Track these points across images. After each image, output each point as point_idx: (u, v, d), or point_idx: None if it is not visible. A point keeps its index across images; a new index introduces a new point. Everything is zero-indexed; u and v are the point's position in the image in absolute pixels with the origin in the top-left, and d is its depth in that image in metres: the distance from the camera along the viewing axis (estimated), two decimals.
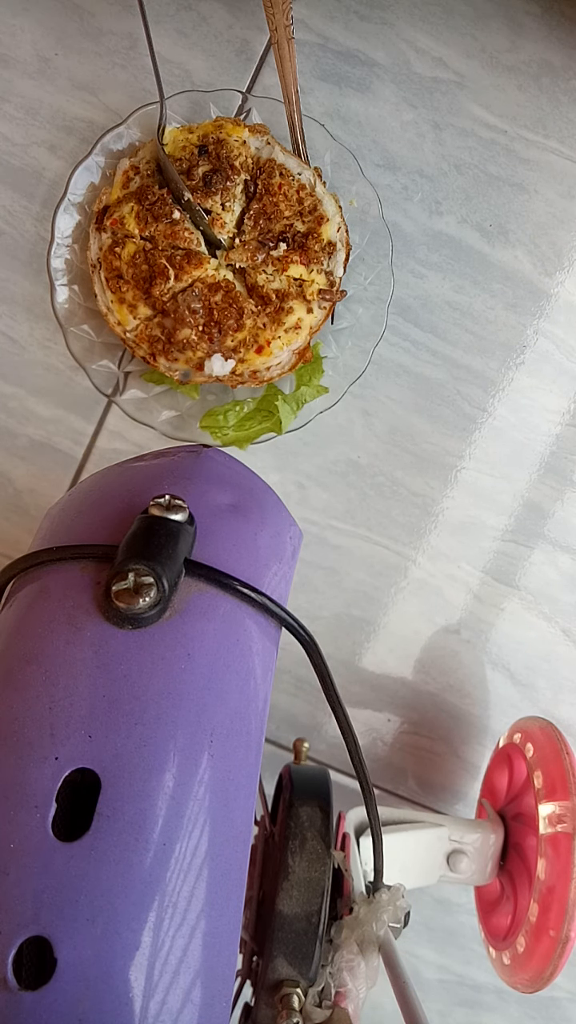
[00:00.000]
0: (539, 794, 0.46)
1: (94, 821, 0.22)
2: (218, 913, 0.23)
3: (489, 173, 0.52)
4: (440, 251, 0.53)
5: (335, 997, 0.34)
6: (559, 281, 0.53)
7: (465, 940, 0.62)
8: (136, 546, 0.26)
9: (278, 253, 0.46)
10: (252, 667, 0.27)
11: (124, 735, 0.23)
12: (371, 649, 0.58)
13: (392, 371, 0.54)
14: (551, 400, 0.54)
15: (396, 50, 0.51)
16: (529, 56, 0.51)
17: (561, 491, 0.56)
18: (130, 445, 0.56)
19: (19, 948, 0.20)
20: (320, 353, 0.50)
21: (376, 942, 0.35)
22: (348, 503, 0.56)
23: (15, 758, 0.22)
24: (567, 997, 0.62)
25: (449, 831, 0.49)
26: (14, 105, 0.51)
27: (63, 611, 0.25)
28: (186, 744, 0.23)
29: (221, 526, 0.29)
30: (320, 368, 0.50)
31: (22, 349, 0.54)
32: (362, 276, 0.51)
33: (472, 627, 0.57)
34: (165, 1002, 0.21)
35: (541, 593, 0.57)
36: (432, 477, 0.55)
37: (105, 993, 0.20)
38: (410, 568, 0.57)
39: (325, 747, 0.59)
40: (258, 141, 0.47)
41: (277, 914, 0.35)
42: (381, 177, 0.52)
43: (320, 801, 0.39)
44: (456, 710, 0.59)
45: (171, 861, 0.22)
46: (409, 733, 0.59)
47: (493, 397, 0.54)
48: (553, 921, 0.43)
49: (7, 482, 0.56)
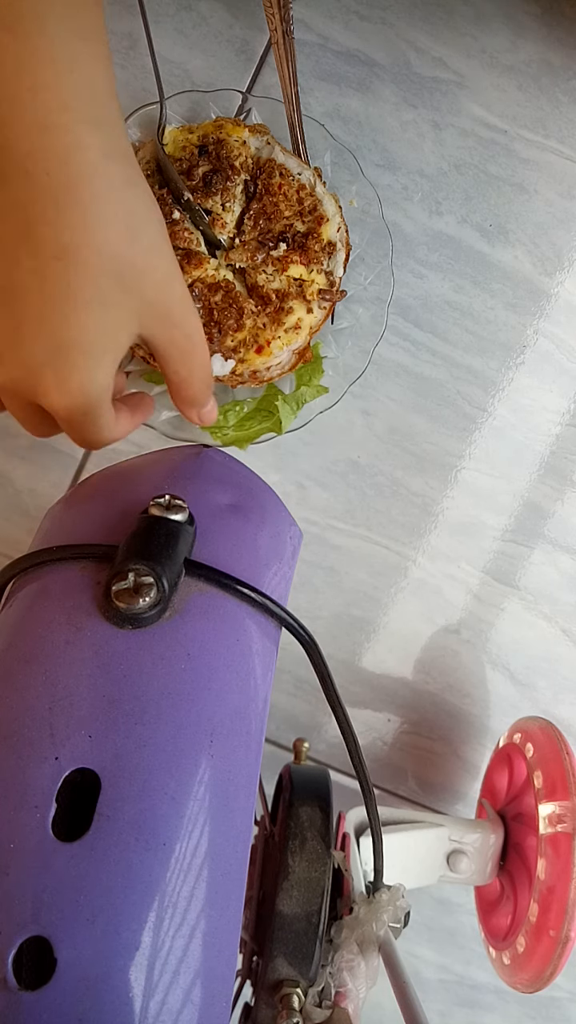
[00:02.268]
0: (539, 794, 0.46)
1: (94, 821, 0.22)
2: (218, 913, 0.23)
3: (489, 173, 0.52)
4: (440, 251, 0.53)
5: (335, 997, 0.34)
6: (559, 281, 0.53)
7: (465, 940, 0.62)
8: (136, 546, 0.26)
9: (278, 253, 0.46)
10: (252, 667, 0.27)
11: (124, 735, 0.23)
12: (371, 649, 0.58)
13: (392, 371, 0.54)
14: (551, 400, 0.54)
15: (396, 50, 0.51)
16: (529, 56, 0.51)
17: (561, 491, 0.56)
18: (130, 445, 0.56)
19: (19, 948, 0.20)
20: (320, 353, 0.50)
21: (376, 942, 0.35)
22: (348, 503, 0.56)
23: (15, 758, 0.22)
24: (567, 997, 0.62)
25: (449, 831, 0.49)
26: None
27: (63, 611, 0.25)
28: (186, 744, 0.23)
29: (221, 526, 0.29)
30: (320, 368, 0.50)
31: None
32: (362, 276, 0.51)
33: (472, 627, 0.57)
34: (165, 1002, 0.21)
35: (541, 593, 0.57)
36: (432, 477, 0.55)
37: (105, 993, 0.20)
38: (410, 568, 0.57)
39: (325, 747, 0.59)
40: (258, 141, 0.47)
41: (277, 914, 0.35)
42: (381, 177, 0.52)
43: (320, 801, 0.39)
44: (456, 710, 0.59)
45: (171, 861, 0.22)
46: (409, 733, 0.59)
47: (493, 397, 0.54)
48: (553, 921, 0.43)
49: (7, 482, 0.56)
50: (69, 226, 0.29)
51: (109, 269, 0.30)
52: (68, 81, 0.28)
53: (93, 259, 0.30)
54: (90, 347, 0.31)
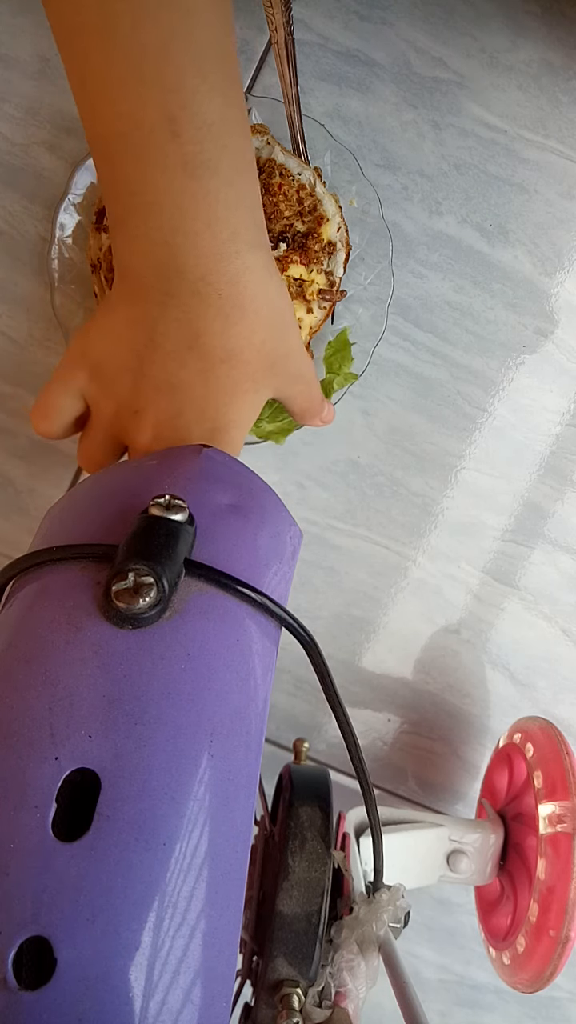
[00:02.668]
0: (539, 794, 0.46)
1: (94, 821, 0.22)
2: (218, 913, 0.23)
3: (489, 173, 0.52)
4: (440, 251, 0.53)
5: (335, 997, 0.34)
6: (559, 281, 0.53)
7: (465, 940, 0.62)
8: (136, 546, 0.26)
9: (278, 253, 0.46)
10: (252, 667, 0.27)
11: (124, 735, 0.23)
12: (371, 649, 0.58)
13: (392, 371, 0.54)
14: (551, 400, 0.54)
15: (396, 50, 0.51)
16: (529, 56, 0.51)
17: (561, 491, 0.56)
18: None
19: (19, 948, 0.20)
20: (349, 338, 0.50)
21: (376, 942, 0.35)
22: (348, 503, 0.56)
23: (15, 758, 0.22)
24: (567, 997, 0.62)
25: (449, 831, 0.50)
26: (14, 105, 0.51)
27: (63, 611, 0.25)
28: (186, 744, 0.23)
29: (221, 526, 0.29)
30: (349, 355, 0.50)
31: (22, 349, 0.54)
32: (362, 276, 0.51)
33: (472, 627, 0.57)
34: (165, 1002, 0.21)
35: (541, 593, 0.57)
36: (432, 477, 0.55)
37: (105, 993, 0.20)
38: (410, 568, 0.57)
39: (325, 747, 0.59)
40: (258, 141, 0.47)
41: (277, 914, 0.35)
42: (381, 177, 0.52)
43: (320, 801, 0.39)
44: (456, 710, 0.59)
45: (171, 861, 0.22)
46: (409, 733, 0.59)
47: (493, 397, 0.54)
48: (553, 921, 0.43)
49: (7, 482, 0.56)
50: (236, 335, 0.35)
51: (264, 363, 0.37)
52: (236, 214, 0.33)
53: (253, 359, 0.36)
54: (242, 424, 0.37)
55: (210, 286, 0.33)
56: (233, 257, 0.33)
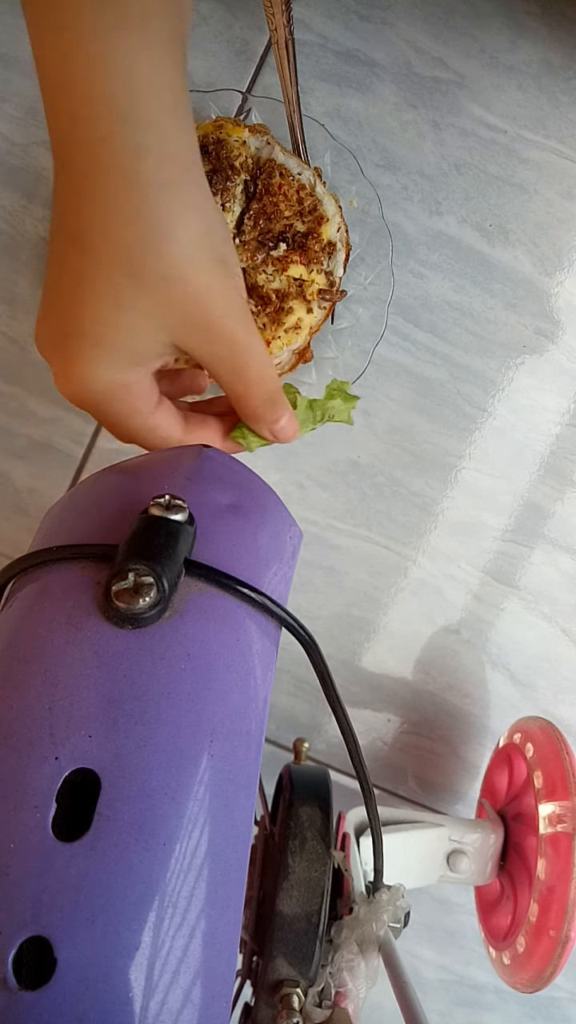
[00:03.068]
0: (539, 794, 0.46)
1: (94, 821, 0.22)
2: (218, 913, 0.23)
3: (489, 173, 0.52)
4: (440, 251, 0.53)
5: (335, 997, 0.34)
6: (559, 281, 0.53)
7: (465, 940, 0.62)
8: (136, 546, 0.26)
9: (278, 253, 0.46)
10: (252, 667, 0.27)
11: (124, 735, 0.23)
12: (371, 649, 0.58)
13: (392, 371, 0.54)
14: (551, 400, 0.54)
15: (396, 50, 0.51)
16: (529, 56, 0.51)
17: (561, 491, 0.56)
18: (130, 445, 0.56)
19: (19, 948, 0.20)
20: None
21: (376, 942, 0.35)
22: (348, 503, 0.56)
23: (15, 758, 0.22)
24: (567, 997, 0.62)
25: (449, 831, 0.49)
26: (14, 105, 0.51)
27: (63, 611, 0.25)
28: (186, 744, 0.23)
29: (221, 526, 0.29)
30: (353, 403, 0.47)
31: (22, 349, 0.54)
32: (362, 276, 0.51)
33: (472, 627, 0.57)
34: (165, 1002, 0.21)
35: (541, 593, 0.57)
36: (432, 477, 0.55)
37: (105, 993, 0.20)
38: (410, 568, 0.57)
39: (325, 747, 0.59)
40: (258, 141, 0.47)
41: (277, 914, 0.35)
42: (381, 177, 0.52)
43: (320, 801, 0.39)
44: (456, 710, 0.59)
45: (171, 861, 0.22)
46: (409, 733, 0.59)
47: (493, 397, 0.54)
48: (553, 921, 0.43)
49: (7, 482, 0.56)
50: (84, 216, 0.29)
51: (124, 268, 0.29)
52: (101, 74, 0.27)
53: (105, 253, 0.29)
54: (99, 340, 0.31)
55: (68, 152, 0.28)
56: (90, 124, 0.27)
